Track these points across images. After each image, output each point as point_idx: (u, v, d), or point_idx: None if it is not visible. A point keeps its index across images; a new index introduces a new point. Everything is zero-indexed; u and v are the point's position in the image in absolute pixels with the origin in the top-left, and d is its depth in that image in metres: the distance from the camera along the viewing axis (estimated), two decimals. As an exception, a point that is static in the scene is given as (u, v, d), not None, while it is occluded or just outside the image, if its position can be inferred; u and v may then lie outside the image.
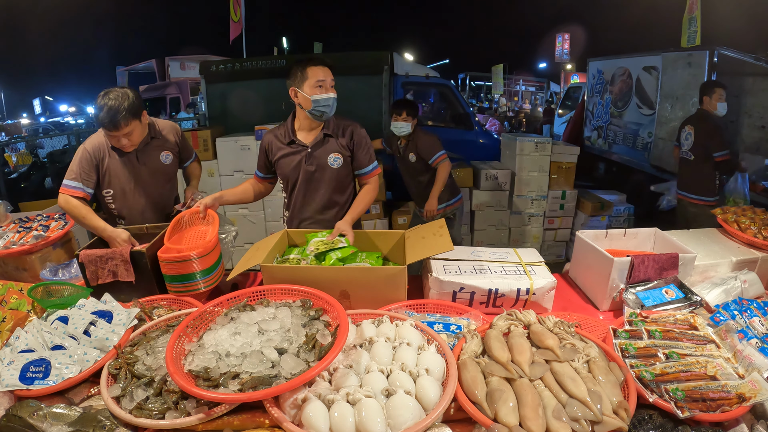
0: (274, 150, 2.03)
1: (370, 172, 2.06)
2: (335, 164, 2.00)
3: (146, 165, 2.10)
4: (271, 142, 2.05)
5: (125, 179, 2.07)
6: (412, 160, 3.25)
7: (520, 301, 1.59)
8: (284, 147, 2.01)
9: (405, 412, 1.00)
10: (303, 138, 2.00)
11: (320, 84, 1.86)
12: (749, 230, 1.91)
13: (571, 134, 7.46)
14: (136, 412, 1.07)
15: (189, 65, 10.72)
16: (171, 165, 2.20)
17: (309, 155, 1.99)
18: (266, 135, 2.07)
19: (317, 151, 1.99)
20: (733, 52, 4.44)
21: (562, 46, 19.09)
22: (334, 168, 2.01)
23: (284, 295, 1.45)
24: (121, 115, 1.86)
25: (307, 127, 2.00)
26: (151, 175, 2.12)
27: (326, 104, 1.89)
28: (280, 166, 2.04)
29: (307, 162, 1.99)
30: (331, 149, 1.99)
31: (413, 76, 5.83)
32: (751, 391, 1.07)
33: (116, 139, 1.95)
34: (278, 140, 2.03)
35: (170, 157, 2.18)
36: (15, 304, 1.57)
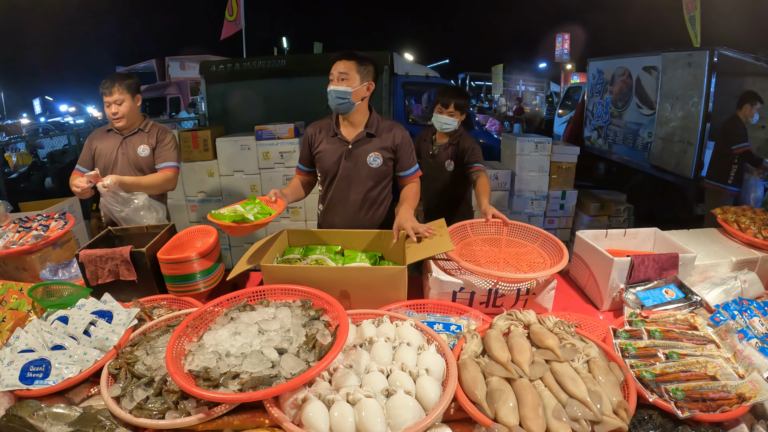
0: (316, 142, 2.04)
1: (413, 173, 2.06)
2: (374, 164, 2.00)
3: (126, 152, 2.34)
4: (313, 134, 2.05)
5: (107, 161, 2.33)
6: (448, 168, 2.54)
7: (520, 301, 1.59)
8: (326, 140, 2.02)
9: (405, 412, 1.00)
10: (346, 134, 2.01)
11: (332, 77, 1.89)
12: (749, 230, 1.91)
13: (571, 134, 7.46)
14: (136, 412, 1.07)
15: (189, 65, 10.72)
16: (147, 158, 2.36)
17: (349, 151, 1.99)
18: (309, 128, 2.08)
19: (358, 149, 1.99)
20: (733, 52, 4.44)
21: (562, 46, 19.10)
22: (373, 167, 2.01)
23: (284, 295, 1.45)
24: (118, 80, 2.23)
25: (347, 123, 2.01)
26: (128, 163, 2.34)
27: (331, 96, 1.90)
28: (320, 158, 2.04)
29: (347, 158, 1.99)
30: (372, 148, 2.00)
31: (413, 76, 5.83)
32: (751, 391, 1.07)
33: (108, 106, 2.25)
34: (322, 133, 2.04)
35: (147, 150, 2.36)
36: (15, 304, 1.57)
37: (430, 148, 2.61)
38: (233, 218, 1.59)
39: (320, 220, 2.20)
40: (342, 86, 1.86)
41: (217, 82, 4.89)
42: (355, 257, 1.79)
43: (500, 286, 1.55)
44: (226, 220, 1.58)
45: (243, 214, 1.62)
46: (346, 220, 2.07)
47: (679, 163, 4.79)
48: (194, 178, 4.24)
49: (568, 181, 4.57)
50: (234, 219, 1.58)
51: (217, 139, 4.17)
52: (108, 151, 2.33)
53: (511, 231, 1.88)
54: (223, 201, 4.28)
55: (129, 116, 2.30)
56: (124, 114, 2.27)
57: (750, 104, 4.05)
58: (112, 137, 2.35)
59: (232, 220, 1.58)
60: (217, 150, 4.17)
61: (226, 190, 4.26)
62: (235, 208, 1.67)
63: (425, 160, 2.62)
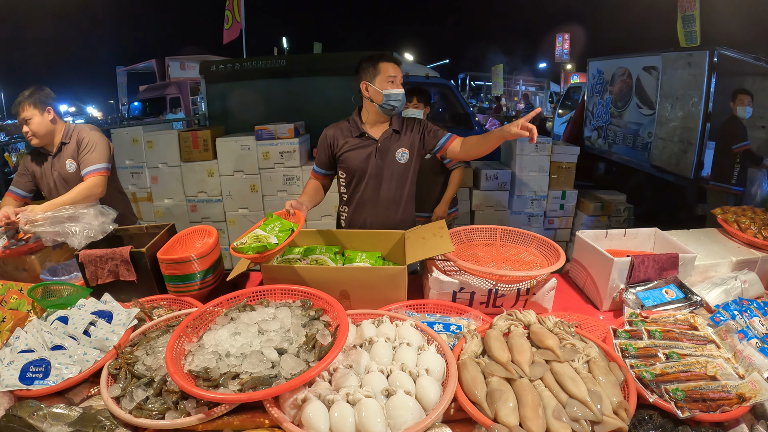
0: (340, 144, 2.04)
1: (446, 141, 2.02)
2: (402, 159, 2.03)
3: (58, 171, 2.23)
4: (335, 136, 2.05)
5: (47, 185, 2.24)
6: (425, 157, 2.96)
7: (520, 301, 1.59)
8: (352, 140, 2.03)
9: (405, 412, 1.00)
10: (372, 132, 2.03)
11: (392, 79, 1.91)
12: (749, 230, 1.91)
13: (571, 134, 7.46)
14: (136, 413, 1.07)
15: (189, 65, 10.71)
16: (75, 174, 2.21)
17: (378, 149, 2.01)
18: (328, 130, 2.08)
19: (386, 146, 2.01)
20: (733, 52, 4.44)
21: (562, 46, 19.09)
22: (401, 163, 2.03)
23: (284, 295, 1.45)
24: (25, 97, 2.11)
25: (375, 121, 2.03)
26: (62, 182, 2.22)
27: (397, 99, 1.93)
28: (346, 159, 2.04)
29: (377, 156, 2.01)
30: (399, 144, 2.03)
31: (413, 76, 5.83)
32: (751, 392, 1.07)
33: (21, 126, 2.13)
34: (344, 134, 2.04)
35: (74, 165, 2.21)
36: (15, 304, 1.57)
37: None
38: (256, 249, 1.53)
39: (347, 222, 2.15)
40: (402, 89, 1.94)
41: (217, 82, 4.89)
42: (355, 257, 1.79)
43: (500, 286, 1.55)
44: (250, 252, 1.52)
45: (265, 239, 1.57)
46: (377, 220, 2.07)
47: (679, 163, 4.79)
48: (194, 178, 4.24)
49: (568, 181, 4.57)
50: (257, 250, 1.52)
51: (217, 139, 4.17)
52: (44, 175, 2.23)
53: (504, 236, 1.88)
54: (223, 201, 4.28)
55: (40, 133, 2.14)
56: (35, 132, 2.13)
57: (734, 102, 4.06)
58: (42, 158, 2.24)
59: (255, 251, 1.52)
60: (217, 150, 4.17)
61: (226, 190, 4.26)
62: (255, 234, 1.61)
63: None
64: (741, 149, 4.02)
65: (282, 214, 1.75)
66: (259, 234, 1.60)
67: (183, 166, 4.23)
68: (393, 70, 1.92)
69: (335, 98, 4.21)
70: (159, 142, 4.20)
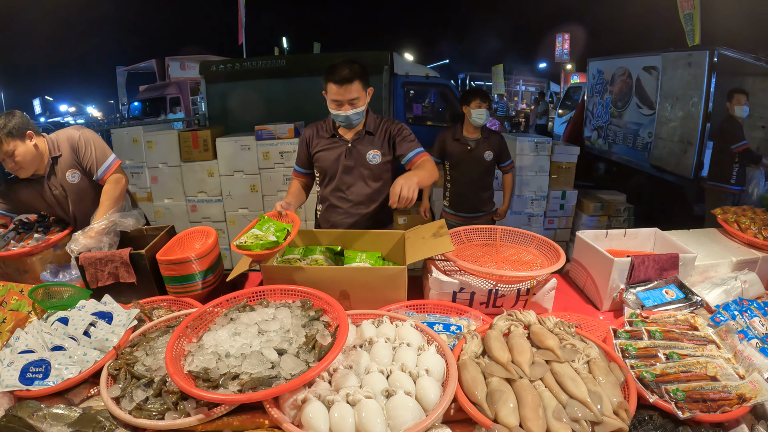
0: (314, 143, 2.07)
1: (414, 156, 2.00)
2: (374, 161, 2.03)
3: (59, 187, 2.07)
4: (311, 135, 2.08)
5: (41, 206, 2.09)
6: (487, 159, 3.05)
7: (520, 302, 1.59)
8: (325, 140, 2.05)
9: (405, 412, 1.00)
10: (343, 133, 2.04)
11: (336, 102, 1.88)
12: (749, 230, 1.91)
13: (571, 134, 7.46)
14: (136, 413, 1.07)
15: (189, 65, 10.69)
16: (81, 182, 2.09)
17: (349, 150, 2.02)
18: (306, 130, 2.11)
19: (357, 147, 2.02)
20: (733, 52, 4.44)
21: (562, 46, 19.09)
22: (373, 164, 2.04)
23: (284, 295, 1.45)
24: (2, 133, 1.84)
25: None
26: (65, 197, 2.09)
27: (339, 120, 1.94)
28: (319, 159, 2.07)
29: (347, 156, 2.02)
30: (372, 146, 2.03)
31: (413, 76, 5.83)
32: (752, 392, 1.07)
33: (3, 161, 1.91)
34: (319, 134, 2.07)
35: (77, 174, 2.08)
36: (15, 305, 1.57)
37: (466, 144, 3.07)
38: (264, 245, 1.52)
39: (320, 220, 2.20)
40: (358, 108, 1.90)
41: (217, 82, 4.89)
42: (355, 257, 1.79)
43: (500, 287, 1.55)
44: (256, 248, 1.51)
45: (265, 237, 1.57)
46: (346, 219, 2.09)
47: (679, 163, 4.79)
48: (194, 178, 4.24)
49: (568, 181, 4.58)
50: (266, 246, 1.52)
51: (217, 139, 4.17)
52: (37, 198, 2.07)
53: (504, 236, 1.88)
54: (223, 201, 4.28)
55: (28, 162, 1.95)
56: (22, 164, 1.93)
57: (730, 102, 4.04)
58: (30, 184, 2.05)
59: (263, 248, 1.52)
60: (217, 150, 4.17)
61: (226, 190, 4.26)
62: (253, 233, 1.61)
63: (461, 155, 3.09)
64: (740, 149, 4.01)
65: (273, 215, 1.77)
66: (257, 233, 1.60)
67: (183, 166, 4.23)
68: (336, 93, 1.84)
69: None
70: (159, 142, 4.20)
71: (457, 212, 3.24)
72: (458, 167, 3.14)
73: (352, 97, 1.87)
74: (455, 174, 3.18)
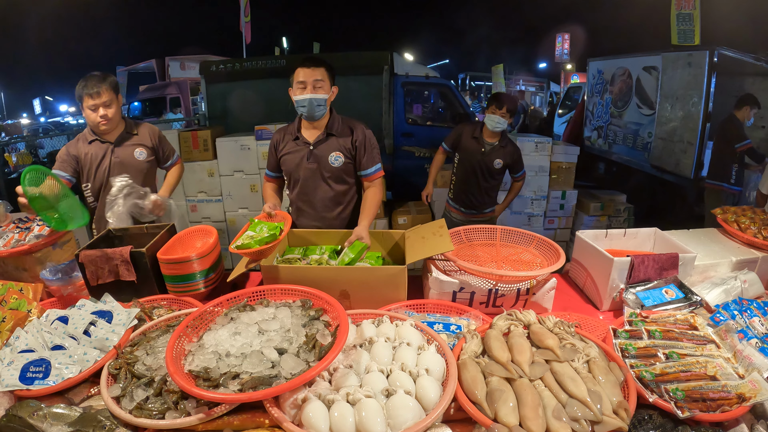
0: (281, 146, 2.07)
1: (373, 173, 2.06)
2: (336, 163, 2.02)
3: (120, 158, 2.23)
4: (278, 139, 2.09)
5: (101, 173, 2.21)
6: (496, 166, 3.03)
7: (520, 301, 1.59)
8: (290, 143, 2.05)
9: (405, 412, 1.00)
10: (308, 136, 2.03)
11: (301, 85, 1.90)
12: (749, 230, 1.91)
13: (571, 134, 7.46)
14: (136, 412, 1.07)
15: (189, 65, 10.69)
16: (144, 162, 2.30)
17: (311, 153, 2.01)
18: (275, 134, 2.12)
19: (319, 149, 2.01)
20: (733, 52, 4.44)
21: (562, 46, 19.08)
22: (335, 167, 2.03)
23: (284, 295, 1.45)
24: (104, 80, 2.06)
25: (309, 125, 2.03)
26: (125, 169, 2.21)
27: (302, 104, 1.92)
28: (284, 162, 2.08)
29: (309, 159, 2.02)
30: (333, 148, 2.02)
31: (413, 76, 5.82)
32: (751, 391, 1.07)
33: (95, 110, 2.08)
34: (285, 137, 2.07)
35: (144, 154, 2.29)
36: (15, 304, 1.57)
37: (481, 146, 3.05)
38: (264, 240, 1.56)
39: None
40: (320, 94, 1.90)
41: (217, 82, 4.89)
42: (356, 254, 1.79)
43: (500, 286, 1.55)
44: (255, 245, 1.54)
45: (261, 235, 1.60)
46: (314, 221, 2.10)
47: (679, 163, 4.79)
48: (194, 178, 4.24)
49: (568, 181, 4.58)
50: (266, 241, 1.56)
51: (217, 139, 4.18)
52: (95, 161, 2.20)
53: (504, 236, 1.88)
54: (223, 201, 4.29)
55: (115, 120, 2.16)
56: (112, 117, 2.13)
57: (749, 107, 4.07)
58: (96, 146, 2.20)
59: (264, 243, 1.55)
60: (217, 150, 4.17)
61: (226, 190, 4.27)
62: (248, 235, 1.63)
63: (472, 154, 3.08)
64: (744, 147, 4.03)
65: (263, 218, 1.78)
66: (251, 234, 1.62)
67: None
68: (304, 75, 1.88)
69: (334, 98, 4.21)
70: (159, 142, 4.20)
71: (457, 205, 3.27)
72: (466, 164, 3.14)
73: (317, 77, 1.88)
74: (462, 169, 3.18)
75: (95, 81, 2.06)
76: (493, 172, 3.08)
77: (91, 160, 2.20)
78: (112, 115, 2.13)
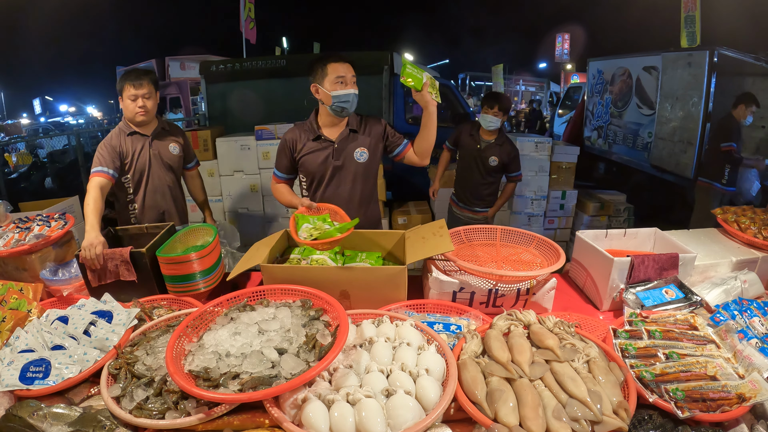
0: (299, 147, 2.04)
1: (406, 146, 2.09)
2: (361, 159, 2.03)
3: (158, 151, 2.32)
4: (294, 139, 2.05)
5: (141, 164, 2.28)
6: (491, 164, 3.13)
7: (520, 301, 1.59)
8: (309, 143, 2.02)
9: (405, 412, 1.00)
10: (328, 134, 2.02)
11: (340, 80, 1.89)
12: (749, 230, 1.91)
13: (571, 134, 7.46)
14: (136, 412, 1.07)
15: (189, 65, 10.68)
16: (178, 157, 2.41)
17: (336, 150, 2.00)
18: (287, 134, 2.07)
19: (344, 147, 2.01)
20: (733, 52, 4.44)
21: (562, 46, 19.10)
22: (360, 162, 2.03)
23: (284, 295, 1.45)
24: (146, 74, 2.18)
25: (330, 123, 2.02)
26: (161, 162, 2.33)
27: (346, 99, 1.91)
28: (305, 162, 2.04)
29: (335, 157, 2.00)
30: (358, 144, 2.02)
31: (413, 76, 5.82)
32: (751, 391, 1.07)
33: (134, 100, 2.17)
34: (303, 137, 2.04)
35: (177, 149, 2.39)
36: (15, 304, 1.57)
37: (477, 143, 3.16)
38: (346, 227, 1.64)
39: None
40: (356, 89, 1.92)
41: (217, 82, 4.89)
42: (355, 257, 1.79)
43: (500, 286, 1.55)
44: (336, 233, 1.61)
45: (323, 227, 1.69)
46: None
47: (679, 163, 4.79)
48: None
49: (568, 181, 4.58)
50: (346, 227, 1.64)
51: (217, 139, 4.17)
52: (136, 153, 2.27)
53: (504, 236, 1.88)
54: (223, 201, 4.28)
55: (152, 113, 2.26)
56: (150, 109, 2.22)
57: (745, 105, 4.02)
58: (135, 139, 2.27)
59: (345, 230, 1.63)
60: (217, 150, 4.17)
61: (226, 190, 4.26)
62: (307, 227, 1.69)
63: (469, 150, 3.20)
64: (726, 149, 3.98)
65: (303, 212, 1.80)
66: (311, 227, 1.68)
67: (183, 166, 4.23)
68: (342, 69, 1.89)
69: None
70: (159, 142, 4.20)
71: (459, 202, 3.41)
72: (464, 161, 3.29)
73: (353, 73, 1.91)
74: (461, 166, 3.34)
75: (139, 72, 2.18)
76: (489, 169, 3.16)
77: (132, 152, 2.26)
78: (150, 108, 2.22)
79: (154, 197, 2.34)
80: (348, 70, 1.90)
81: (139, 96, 2.16)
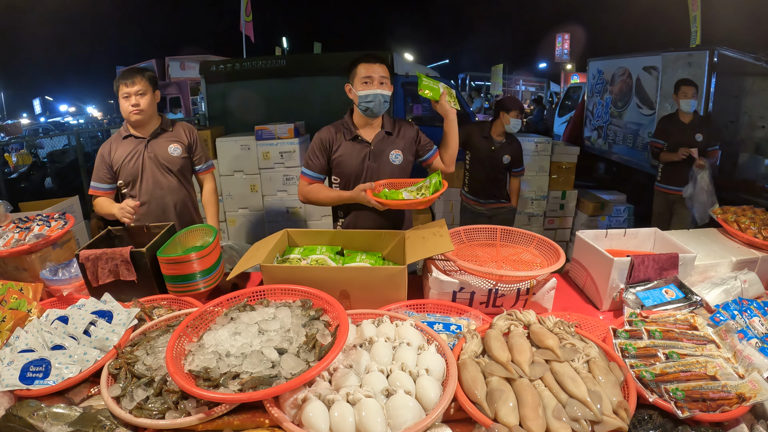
0: (334, 147, 2.02)
1: (435, 152, 2.14)
2: (396, 161, 2.03)
3: (155, 153, 2.26)
4: (330, 139, 2.02)
5: (133, 168, 2.24)
6: (505, 162, 3.43)
7: (520, 301, 1.59)
8: (345, 143, 2.01)
9: (405, 412, 1.00)
10: (365, 135, 2.02)
11: (366, 80, 1.89)
12: (749, 230, 1.91)
13: (571, 134, 7.46)
14: (136, 412, 1.07)
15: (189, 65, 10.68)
16: (179, 158, 2.33)
17: (372, 152, 2.00)
18: (321, 133, 2.04)
19: (379, 148, 2.01)
20: (733, 52, 4.44)
21: (562, 46, 19.10)
22: (396, 165, 2.03)
23: (284, 295, 1.45)
24: (139, 72, 2.14)
25: (364, 123, 2.02)
26: (158, 165, 2.28)
27: (369, 100, 1.91)
28: (340, 163, 2.02)
29: (370, 158, 2.01)
30: (393, 146, 2.03)
31: (413, 76, 5.83)
32: (751, 391, 1.07)
33: (128, 98, 2.13)
34: (338, 137, 2.02)
35: (179, 150, 2.32)
36: (15, 303, 1.57)
37: (491, 144, 3.43)
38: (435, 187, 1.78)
39: (345, 226, 2.12)
40: (386, 90, 1.93)
41: (217, 82, 4.89)
42: (355, 257, 1.79)
43: (500, 286, 1.55)
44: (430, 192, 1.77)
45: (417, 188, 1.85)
46: (376, 222, 2.05)
47: (679, 163, 4.78)
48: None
49: (568, 181, 4.58)
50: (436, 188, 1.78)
51: (217, 139, 4.17)
52: (128, 157, 2.23)
53: (504, 236, 1.88)
54: (223, 201, 4.28)
55: (147, 111, 2.19)
56: (144, 107, 2.16)
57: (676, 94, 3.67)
58: (130, 143, 2.24)
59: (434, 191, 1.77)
60: (217, 150, 4.17)
61: (226, 190, 4.26)
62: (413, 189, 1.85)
63: (484, 152, 3.44)
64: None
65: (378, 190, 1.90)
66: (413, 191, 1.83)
67: (183, 166, 4.23)
68: (369, 69, 1.90)
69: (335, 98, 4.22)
70: (159, 142, 4.20)
71: (476, 198, 3.63)
72: (478, 161, 3.50)
73: (382, 74, 1.91)
74: (475, 166, 3.55)
75: (132, 71, 2.15)
76: (502, 167, 3.47)
77: (123, 157, 2.23)
78: (145, 106, 2.16)
79: (150, 200, 2.30)
80: (376, 71, 1.90)
81: (131, 93, 2.13)
